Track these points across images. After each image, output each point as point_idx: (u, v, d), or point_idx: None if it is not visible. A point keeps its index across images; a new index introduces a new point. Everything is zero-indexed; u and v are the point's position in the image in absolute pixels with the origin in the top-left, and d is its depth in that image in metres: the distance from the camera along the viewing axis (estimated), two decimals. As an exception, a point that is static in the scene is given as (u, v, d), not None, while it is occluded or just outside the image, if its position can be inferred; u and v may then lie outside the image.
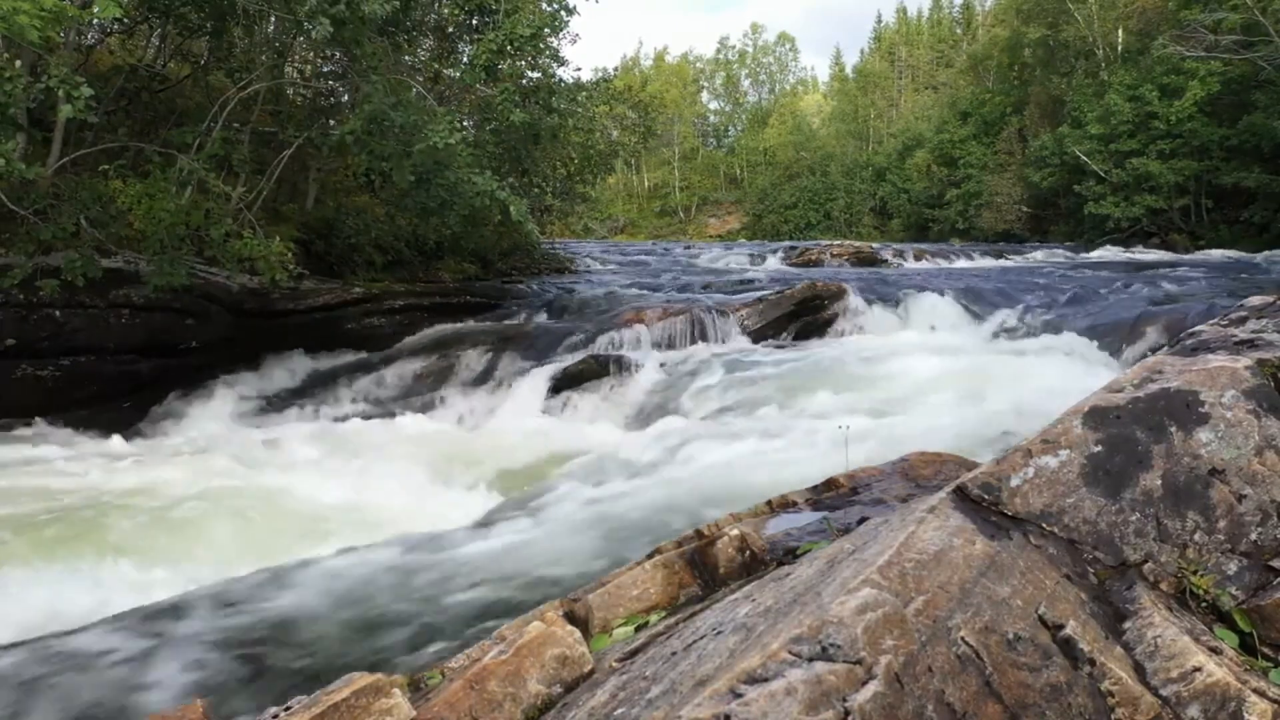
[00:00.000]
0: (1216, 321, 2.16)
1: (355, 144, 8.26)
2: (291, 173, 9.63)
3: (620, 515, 4.31)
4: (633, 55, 77.70)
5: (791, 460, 4.79)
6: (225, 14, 8.35)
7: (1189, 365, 1.66)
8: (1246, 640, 1.34)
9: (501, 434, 7.04)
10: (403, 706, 1.42)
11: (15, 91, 5.99)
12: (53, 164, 6.81)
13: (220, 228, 7.57)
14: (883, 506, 2.33)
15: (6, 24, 5.37)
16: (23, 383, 7.27)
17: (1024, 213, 35.93)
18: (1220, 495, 1.46)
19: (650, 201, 67.35)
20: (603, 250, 24.95)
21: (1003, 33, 46.13)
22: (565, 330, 9.02)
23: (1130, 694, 1.20)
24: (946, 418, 5.39)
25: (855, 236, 41.20)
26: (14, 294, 6.89)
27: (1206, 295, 9.30)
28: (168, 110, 9.21)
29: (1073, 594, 1.34)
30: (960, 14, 66.79)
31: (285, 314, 9.13)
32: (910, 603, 1.23)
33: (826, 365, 7.50)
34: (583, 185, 16.56)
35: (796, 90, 74.30)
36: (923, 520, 1.42)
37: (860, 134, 61.51)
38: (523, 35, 10.09)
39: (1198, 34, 24.20)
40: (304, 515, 4.87)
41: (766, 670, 1.12)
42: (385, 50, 8.89)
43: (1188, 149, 26.86)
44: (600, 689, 1.43)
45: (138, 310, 7.74)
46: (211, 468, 5.95)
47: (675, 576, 2.07)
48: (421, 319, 10.07)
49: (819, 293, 9.75)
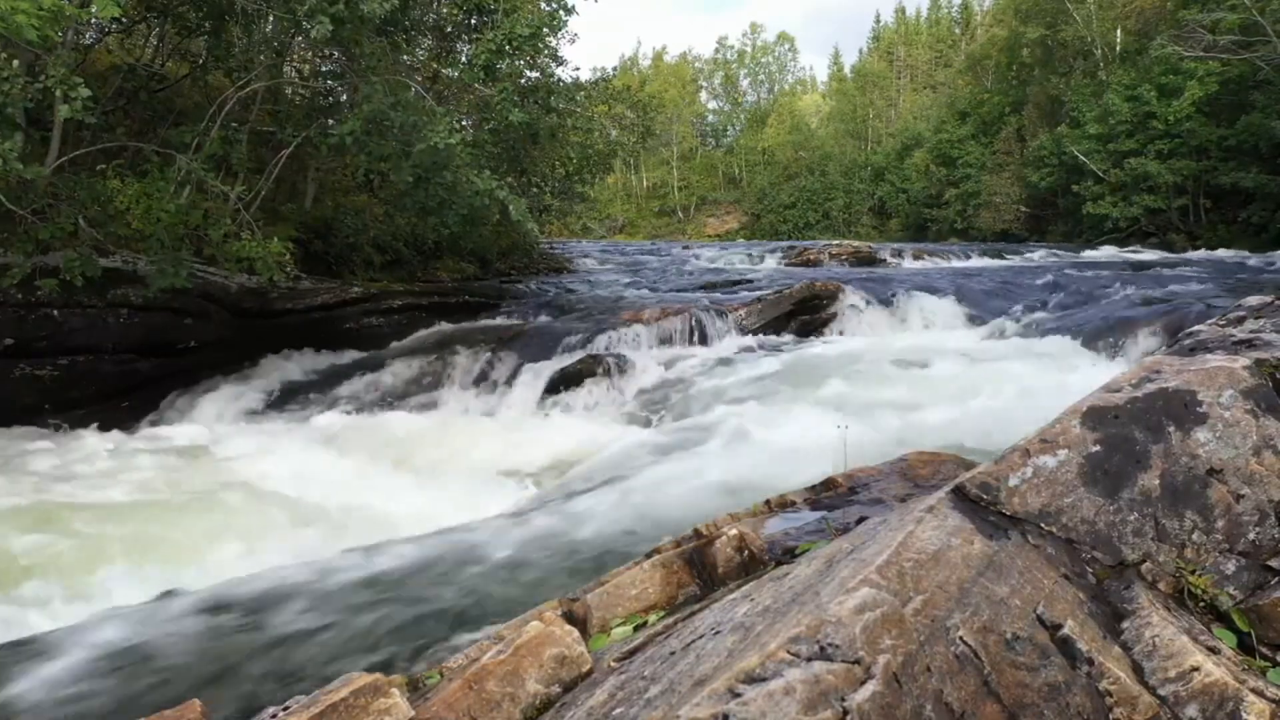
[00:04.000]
0: (1215, 321, 2.17)
1: (354, 144, 8.26)
2: (290, 172, 9.63)
3: (618, 515, 4.30)
4: (631, 55, 77.82)
5: (790, 460, 4.79)
6: (224, 13, 8.34)
7: (1187, 365, 1.66)
8: (1245, 640, 1.34)
9: (499, 434, 7.03)
10: (401, 706, 1.42)
11: (13, 91, 5.98)
12: (51, 163, 6.80)
13: (219, 227, 7.57)
14: (881, 506, 2.33)
15: (4, 23, 5.36)
16: (21, 382, 7.27)
17: (1022, 212, 35.97)
18: (1218, 495, 1.46)
19: (649, 201, 67.34)
20: (601, 250, 24.94)
21: (1001, 33, 46.21)
22: (563, 330, 9.01)
23: (1128, 693, 1.20)
24: (944, 417, 5.39)
25: (854, 236, 41.25)
26: (12, 294, 6.89)
27: (1205, 295, 9.30)
28: (166, 110, 9.20)
29: (1071, 594, 1.34)
30: (959, 14, 66.85)
31: (284, 313, 9.13)
32: (909, 602, 1.23)
33: (825, 365, 7.49)
34: (581, 185, 16.56)
35: (795, 90, 74.31)
36: (921, 520, 1.42)
37: (859, 134, 61.54)
38: (521, 35, 10.09)
39: (1196, 34, 24.23)
40: (301, 515, 4.86)
41: (765, 670, 1.12)
42: (384, 50, 8.89)
43: (1186, 149, 26.88)
44: (599, 689, 1.43)
45: (136, 310, 7.74)
46: (210, 467, 5.95)
47: (674, 576, 2.07)
48: (420, 319, 10.06)
49: (817, 292, 9.76)
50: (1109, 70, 33.41)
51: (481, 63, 10.07)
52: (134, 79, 9.04)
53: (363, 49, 8.22)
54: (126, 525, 4.64)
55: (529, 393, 7.82)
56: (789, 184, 57.33)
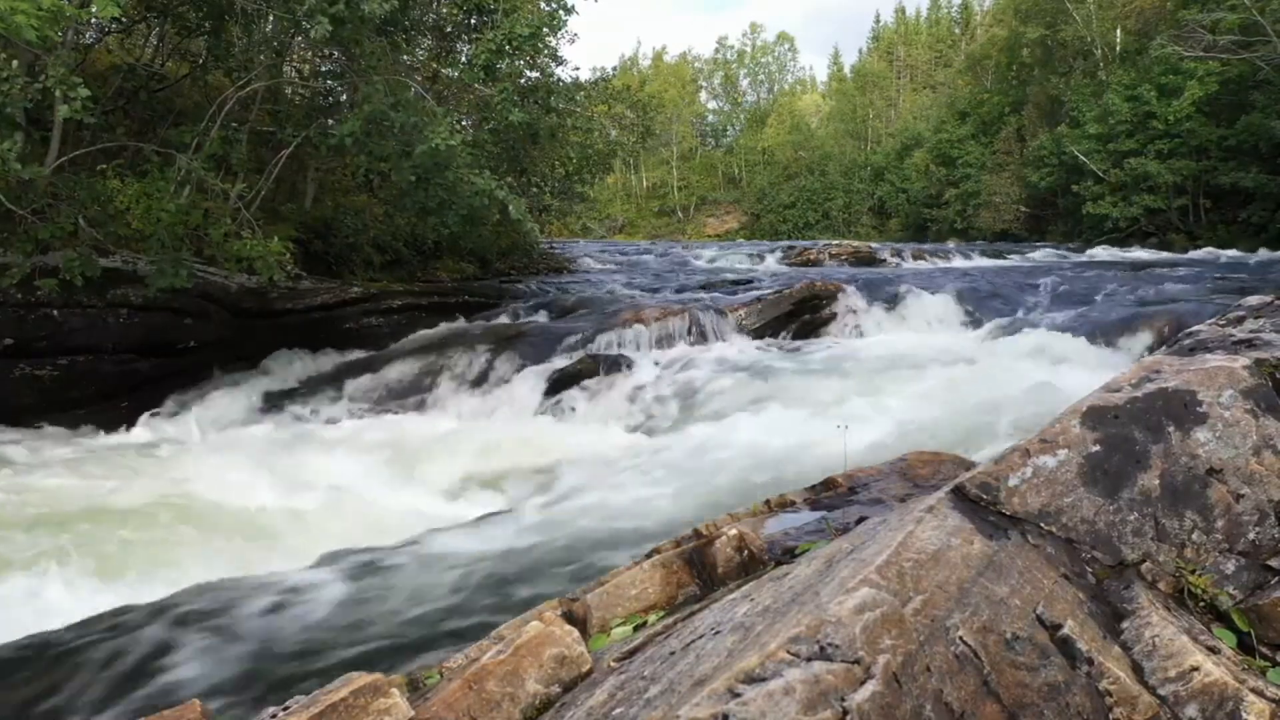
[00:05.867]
0: (1214, 321, 2.17)
1: (354, 144, 8.26)
2: (290, 172, 9.63)
3: (618, 515, 4.30)
4: (631, 55, 77.79)
5: (789, 460, 4.79)
6: (224, 13, 8.34)
7: (1187, 365, 1.66)
8: (1244, 640, 1.34)
9: (499, 433, 7.03)
10: (401, 706, 1.42)
11: (13, 91, 5.98)
12: (51, 163, 6.80)
13: (219, 227, 7.56)
14: (881, 506, 2.33)
15: (4, 23, 5.35)
16: (21, 382, 7.26)
17: (1022, 212, 35.96)
18: (1218, 495, 1.46)
19: (649, 201, 67.33)
20: (601, 250, 24.91)
21: (1001, 32, 46.21)
22: (563, 330, 9.01)
23: (1128, 693, 1.20)
24: (944, 417, 5.39)
25: (854, 236, 41.25)
26: (12, 293, 6.88)
27: (1204, 295, 9.30)
28: (166, 110, 9.20)
29: (1071, 593, 1.34)
30: (959, 14, 66.87)
31: (284, 313, 9.12)
32: (908, 602, 1.23)
33: (825, 365, 7.50)
34: (581, 185, 16.56)
35: (795, 90, 74.31)
36: (921, 520, 1.42)
37: (859, 134, 61.54)
38: (521, 35, 10.09)
39: (1196, 34, 24.23)
40: (300, 515, 4.86)
41: (765, 670, 1.12)
42: (384, 50, 8.89)
43: (1186, 149, 26.87)
44: (599, 689, 1.43)
45: (136, 310, 7.73)
46: (209, 467, 5.94)
47: (674, 576, 2.07)
48: (420, 318, 10.06)
49: (817, 292, 9.75)
50: (1109, 70, 33.41)
51: (481, 63, 10.07)
52: (134, 79, 9.04)
53: (362, 49, 8.22)
54: (123, 525, 4.64)
55: (529, 393, 7.81)
56: (789, 184, 57.32)
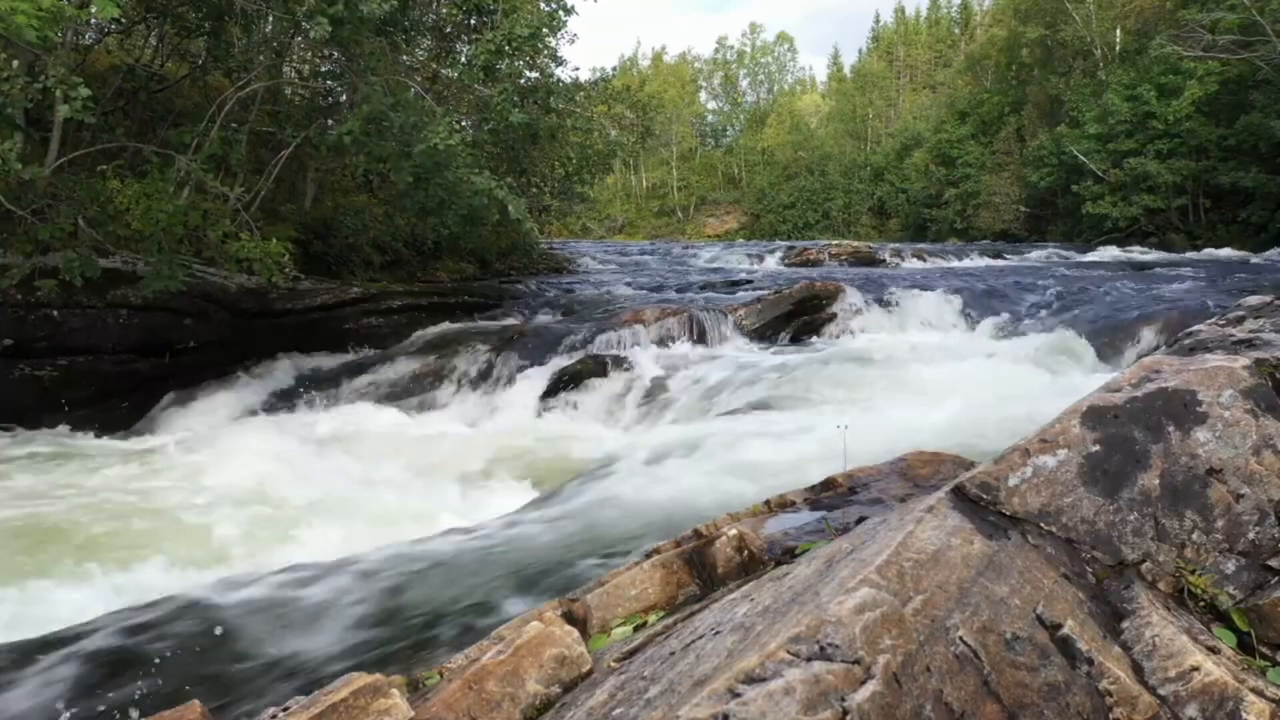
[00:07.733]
0: (1214, 321, 2.17)
1: (354, 145, 8.26)
2: (290, 172, 9.63)
3: (618, 515, 4.31)
4: (631, 55, 77.82)
5: (789, 460, 4.79)
6: (223, 14, 8.34)
7: (1187, 365, 1.66)
8: (1244, 639, 1.34)
9: (499, 434, 7.04)
10: (401, 706, 1.42)
11: (13, 91, 5.98)
12: (50, 164, 6.80)
13: (218, 228, 7.56)
14: (881, 506, 2.33)
15: (4, 24, 5.35)
16: (20, 383, 7.26)
17: (1022, 212, 35.96)
18: (1218, 495, 1.46)
19: (648, 201, 67.33)
20: (601, 250, 24.92)
21: (1001, 33, 46.23)
22: (563, 330, 9.01)
23: (1128, 693, 1.20)
24: (944, 417, 5.39)
25: (854, 236, 41.28)
26: (12, 294, 6.88)
27: (1204, 295, 9.31)
28: (165, 110, 9.19)
29: (1071, 593, 1.34)
30: (958, 14, 66.88)
31: (283, 314, 9.12)
32: (908, 602, 1.23)
33: (824, 365, 7.50)
34: (581, 185, 16.56)
35: (795, 90, 74.31)
36: (921, 520, 1.42)
37: (858, 134, 61.55)
38: (521, 35, 10.09)
39: (1195, 34, 24.23)
40: (299, 515, 4.86)
41: (765, 670, 1.12)
42: (383, 50, 8.89)
43: (1185, 149, 26.88)
44: (599, 689, 1.43)
45: (136, 310, 7.73)
46: (209, 467, 5.94)
47: (673, 576, 2.06)
48: (420, 319, 10.06)
49: (817, 292, 9.75)
50: (1108, 70, 33.41)
51: (481, 63, 10.07)
52: (134, 79, 9.03)
53: (362, 49, 8.22)
54: (122, 525, 4.64)
55: (529, 393, 7.82)
56: (788, 184, 57.31)
